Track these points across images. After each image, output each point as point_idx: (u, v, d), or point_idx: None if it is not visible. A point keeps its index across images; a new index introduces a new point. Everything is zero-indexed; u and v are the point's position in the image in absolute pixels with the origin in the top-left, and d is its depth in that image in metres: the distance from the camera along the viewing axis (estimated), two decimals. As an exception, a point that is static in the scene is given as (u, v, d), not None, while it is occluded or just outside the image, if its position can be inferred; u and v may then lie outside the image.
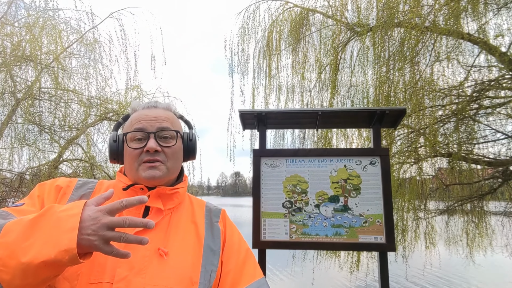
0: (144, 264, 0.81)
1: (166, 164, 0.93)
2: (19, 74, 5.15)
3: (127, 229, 0.76)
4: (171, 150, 0.95)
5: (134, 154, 0.91)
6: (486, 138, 5.22)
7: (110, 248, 0.67)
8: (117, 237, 0.67)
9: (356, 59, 5.55)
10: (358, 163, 2.87)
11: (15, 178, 4.74)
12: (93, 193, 0.95)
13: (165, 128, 0.95)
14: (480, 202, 5.70)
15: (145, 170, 0.90)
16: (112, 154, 0.97)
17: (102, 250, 0.66)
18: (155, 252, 0.84)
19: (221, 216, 1.03)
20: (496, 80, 4.83)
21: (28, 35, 4.83)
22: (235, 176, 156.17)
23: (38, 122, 4.86)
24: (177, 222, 0.94)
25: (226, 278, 0.90)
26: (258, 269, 0.97)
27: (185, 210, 0.99)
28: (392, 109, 2.85)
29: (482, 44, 4.57)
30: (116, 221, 0.67)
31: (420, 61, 4.94)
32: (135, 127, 0.94)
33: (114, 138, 0.97)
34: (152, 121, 0.94)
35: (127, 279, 0.78)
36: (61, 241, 0.64)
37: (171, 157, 0.95)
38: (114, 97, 5.52)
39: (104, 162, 5.28)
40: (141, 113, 0.97)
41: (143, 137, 0.93)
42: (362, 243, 2.72)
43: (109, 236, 0.66)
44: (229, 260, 0.93)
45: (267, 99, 5.96)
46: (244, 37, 6.19)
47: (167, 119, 0.97)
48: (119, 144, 0.97)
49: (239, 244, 0.99)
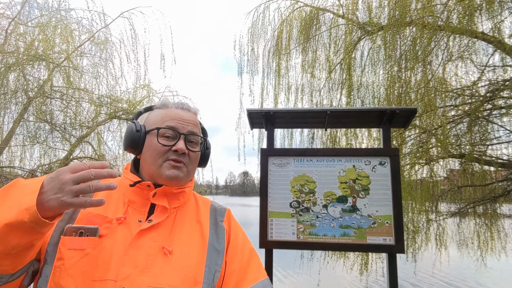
0: (148, 262, 0.81)
1: (188, 167, 0.95)
2: (32, 73, 5.24)
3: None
4: (195, 154, 0.98)
5: (161, 150, 0.92)
6: (500, 139, 5.10)
7: (80, 200, 0.68)
8: (86, 187, 0.68)
9: (366, 59, 5.49)
10: (367, 163, 2.83)
11: (26, 175, 4.82)
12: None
13: (194, 133, 0.98)
14: (493, 204, 5.58)
15: (170, 168, 0.92)
16: (131, 143, 0.95)
17: (72, 205, 0.68)
18: (160, 250, 0.84)
19: (226, 215, 1.03)
20: (511, 80, 4.71)
21: (40, 35, 4.90)
22: (243, 175, 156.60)
23: (49, 120, 4.93)
24: (182, 221, 0.94)
25: (230, 278, 0.89)
26: (262, 269, 0.96)
27: (190, 209, 0.99)
28: (402, 109, 2.81)
29: (496, 43, 4.47)
30: (80, 175, 0.69)
31: (433, 61, 4.85)
32: (167, 124, 0.95)
33: (137, 127, 0.96)
34: (185, 123, 0.96)
35: (131, 277, 0.78)
36: (23, 202, 0.67)
37: (193, 161, 0.98)
38: (124, 96, 5.57)
39: (113, 160, 5.33)
40: (174, 112, 0.98)
41: (173, 136, 0.94)
42: (370, 244, 2.68)
43: (76, 189, 0.68)
44: (233, 260, 0.92)
45: (277, 99, 5.94)
46: (254, 37, 6.19)
47: (196, 125, 1.00)
48: (141, 135, 0.96)
49: (243, 244, 0.98)
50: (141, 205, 0.91)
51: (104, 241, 0.82)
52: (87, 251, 0.79)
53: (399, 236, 2.64)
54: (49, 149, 4.86)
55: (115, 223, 0.85)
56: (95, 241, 0.81)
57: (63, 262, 0.77)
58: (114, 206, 0.90)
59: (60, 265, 0.77)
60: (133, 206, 0.91)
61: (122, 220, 0.86)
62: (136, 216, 0.89)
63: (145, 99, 5.54)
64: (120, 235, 0.84)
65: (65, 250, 0.79)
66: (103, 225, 0.84)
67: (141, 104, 5.39)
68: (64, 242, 0.80)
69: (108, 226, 0.85)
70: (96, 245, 0.80)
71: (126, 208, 0.90)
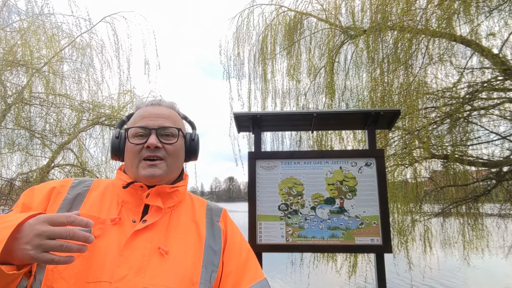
0: (143, 263, 0.80)
1: (167, 161, 0.92)
2: (10, 79, 5.09)
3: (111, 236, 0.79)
4: (172, 147, 0.94)
5: (134, 150, 0.91)
6: (480, 139, 5.26)
7: (48, 257, 0.64)
8: (57, 246, 0.64)
9: (350, 62, 5.58)
10: (353, 164, 2.85)
11: (5, 185, 4.64)
12: (89, 191, 0.93)
13: (167, 125, 0.95)
14: (475, 203, 5.72)
15: (145, 168, 0.90)
16: (113, 151, 0.96)
17: (38, 260, 0.64)
18: (155, 251, 0.82)
19: (222, 215, 1.02)
20: (488, 82, 4.87)
21: (20, 40, 4.77)
22: (229, 181, 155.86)
23: (29, 127, 4.78)
24: (178, 220, 0.93)
25: (227, 279, 0.89)
26: (260, 270, 0.96)
27: (186, 209, 0.98)
28: (386, 111, 2.85)
29: (474, 46, 4.62)
30: (57, 232, 0.65)
31: (414, 64, 4.97)
32: (137, 123, 0.94)
33: (116, 134, 0.96)
34: (155, 119, 0.94)
35: (126, 278, 0.76)
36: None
37: (172, 154, 0.94)
38: (106, 101, 5.47)
39: (96, 167, 5.21)
40: (144, 110, 0.97)
41: (145, 133, 0.92)
42: (358, 245, 2.70)
43: (48, 245, 0.64)
44: (230, 260, 0.92)
45: (264, 103, 5.96)
46: (239, 42, 6.20)
47: (170, 117, 0.97)
48: (121, 141, 0.96)
49: (240, 244, 0.98)
50: (135, 205, 0.90)
51: (98, 242, 0.80)
52: (80, 253, 0.77)
53: (386, 236, 2.67)
54: (29, 156, 4.71)
55: (109, 224, 0.84)
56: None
57: (55, 265, 0.76)
58: (108, 207, 0.89)
59: (53, 268, 0.76)
60: (127, 206, 0.90)
61: (116, 221, 0.85)
62: (130, 216, 0.88)
63: (128, 104, 5.45)
64: (114, 236, 0.82)
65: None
66: (96, 226, 0.82)
67: (125, 110, 5.30)
68: None
69: (101, 227, 0.83)
70: (89, 247, 0.77)
71: (119, 208, 0.89)
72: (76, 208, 0.87)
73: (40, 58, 4.96)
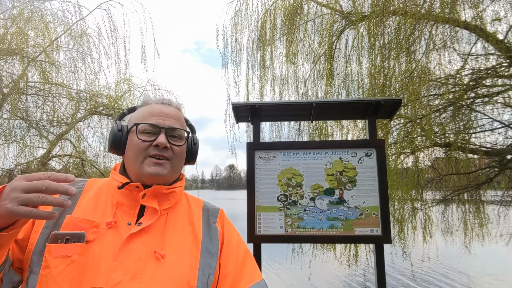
0: (139, 268, 0.79)
1: (172, 162, 0.92)
2: (5, 68, 5.01)
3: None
4: (179, 149, 0.94)
5: (141, 146, 0.90)
6: (483, 127, 5.19)
7: (26, 210, 0.63)
8: (33, 197, 0.63)
9: (351, 49, 5.46)
10: (353, 155, 2.82)
11: (4, 174, 4.63)
12: (83, 192, 0.92)
13: (176, 127, 0.95)
14: (476, 191, 5.69)
15: (151, 165, 0.89)
16: (114, 144, 0.94)
17: (16, 213, 0.63)
18: (151, 255, 0.81)
19: (219, 216, 1.01)
20: (493, 68, 4.76)
21: (13, 28, 4.67)
22: (230, 169, 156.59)
23: (25, 118, 4.73)
24: (174, 223, 0.92)
25: (225, 281, 0.88)
26: (257, 271, 0.95)
27: (182, 210, 0.96)
28: (387, 100, 2.79)
29: (479, 32, 4.49)
30: (31, 184, 0.64)
31: (416, 50, 4.85)
32: (147, 120, 0.92)
33: (119, 127, 0.94)
34: (165, 118, 0.94)
35: (121, 284, 0.76)
36: None
37: (177, 156, 0.94)
38: (104, 91, 5.39)
39: (94, 157, 5.18)
40: (154, 108, 0.96)
41: (154, 131, 0.91)
42: (358, 235, 2.69)
43: (24, 197, 0.63)
44: (227, 262, 0.91)
45: (262, 91, 5.86)
46: (237, 27, 6.07)
47: (179, 119, 0.98)
48: (123, 134, 0.94)
49: (237, 245, 0.97)
50: (130, 207, 0.88)
51: (92, 247, 0.79)
52: (74, 258, 0.76)
53: (386, 227, 2.65)
54: (26, 147, 4.67)
55: (104, 228, 0.83)
56: (82, 247, 0.78)
57: (49, 271, 0.75)
58: (102, 209, 0.87)
59: (47, 274, 0.75)
60: (121, 208, 0.89)
61: (112, 225, 0.84)
62: (125, 219, 0.87)
63: (126, 93, 5.37)
64: (109, 239, 0.81)
65: (51, 258, 0.76)
66: (90, 230, 0.82)
67: (122, 99, 5.23)
68: (49, 250, 0.77)
69: (96, 231, 0.82)
70: (83, 251, 0.78)
71: (114, 210, 0.87)
72: (70, 210, 0.86)
73: (35, 47, 4.86)
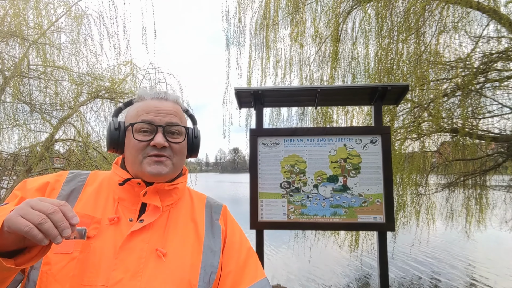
0: (140, 266, 0.77)
1: (172, 160, 0.89)
2: (6, 50, 4.94)
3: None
4: (178, 146, 0.90)
5: (139, 146, 0.86)
6: (492, 112, 5.07)
7: (23, 221, 0.57)
8: (35, 215, 0.58)
9: (358, 30, 5.29)
10: (358, 142, 2.77)
11: (8, 158, 4.65)
12: (84, 186, 0.90)
13: (174, 123, 0.90)
14: (482, 177, 5.63)
15: (151, 164, 0.85)
16: (112, 143, 0.90)
17: (11, 222, 0.57)
18: (152, 253, 0.80)
19: (222, 213, 0.99)
20: (505, 52, 4.60)
21: (12, 9, 4.58)
22: (234, 152, 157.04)
23: (28, 101, 4.70)
24: (176, 220, 0.89)
25: (226, 279, 0.86)
26: (260, 269, 0.93)
27: (184, 207, 0.94)
28: (394, 86, 2.72)
29: (492, 13, 4.32)
30: (41, 205, 0.59)
31: (426, 32, 4.69)
32: (142, 118, 0.88)
33: (115, 125, 0.90)
34: (161, 114, 0.89)
35: (122, 282, 0.74)
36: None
37: (178, 153, 0.90)
38: (106, 73, 5.32)
39: (98, 141, 5.17)
40: (149, 104, 0.90)
41: (150, 129, 0.87)
42: (361, 223, 2.68)
43: (26, 211, 0.58)
44: (229, 260, 0.89)
45: (265, 73, 5.71)
46: (241, 6, 5.90)
47: (176, 114, 0.92)
48: (121, 133, 0.89)
49: (240, 243, 0.95)
50: (131, 203, 0.86)
51: (93, 243, 0.78)
52: (74, 255, 0.75)
53: (390, 214, 2.64)
54: (29, 131, 4.66)
55: (106, 224, 0.81)
56: (83, 243, 0.77)
57: (49, 267, 0.74)
58: (103, 205, 0.86)
59: (47, 270, 0.74)
60: (123, 204, 0.86)
61: (115, 221, 0.82)
62: (127, 215, 0.85)
63: (129, 76, 5.30)
64: (110, 236, 0.80)
65: (52, 254, 0.75)
66: (91, 225, 0.80)
67: (125, 82, 5.16)
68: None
69: (97, 227, 0.80)
70: (84, 248, 0.76)
71: (116, 206, 0.85)
72: (71, 204, 0.84)
73: (36, 29, 4.78)
